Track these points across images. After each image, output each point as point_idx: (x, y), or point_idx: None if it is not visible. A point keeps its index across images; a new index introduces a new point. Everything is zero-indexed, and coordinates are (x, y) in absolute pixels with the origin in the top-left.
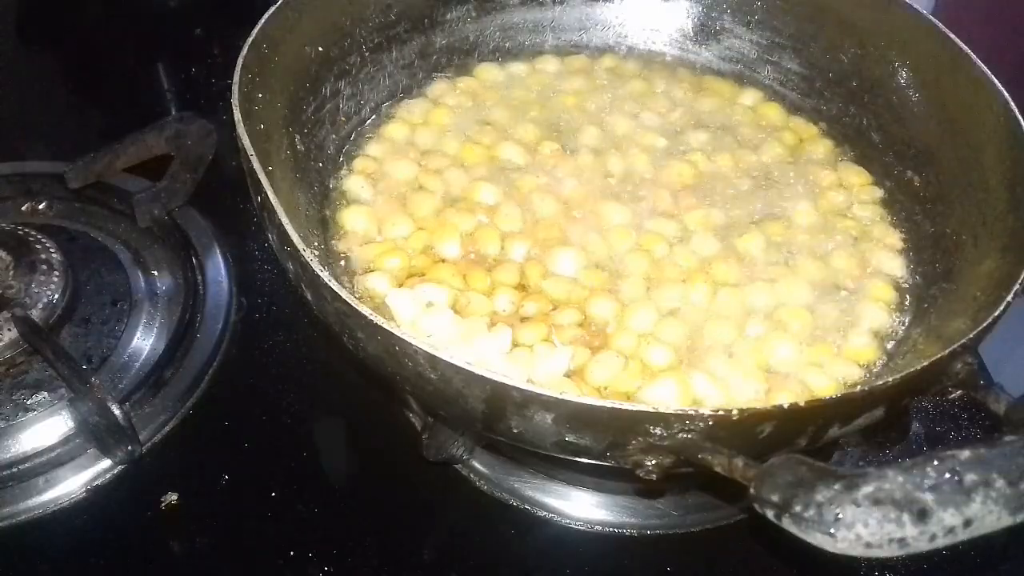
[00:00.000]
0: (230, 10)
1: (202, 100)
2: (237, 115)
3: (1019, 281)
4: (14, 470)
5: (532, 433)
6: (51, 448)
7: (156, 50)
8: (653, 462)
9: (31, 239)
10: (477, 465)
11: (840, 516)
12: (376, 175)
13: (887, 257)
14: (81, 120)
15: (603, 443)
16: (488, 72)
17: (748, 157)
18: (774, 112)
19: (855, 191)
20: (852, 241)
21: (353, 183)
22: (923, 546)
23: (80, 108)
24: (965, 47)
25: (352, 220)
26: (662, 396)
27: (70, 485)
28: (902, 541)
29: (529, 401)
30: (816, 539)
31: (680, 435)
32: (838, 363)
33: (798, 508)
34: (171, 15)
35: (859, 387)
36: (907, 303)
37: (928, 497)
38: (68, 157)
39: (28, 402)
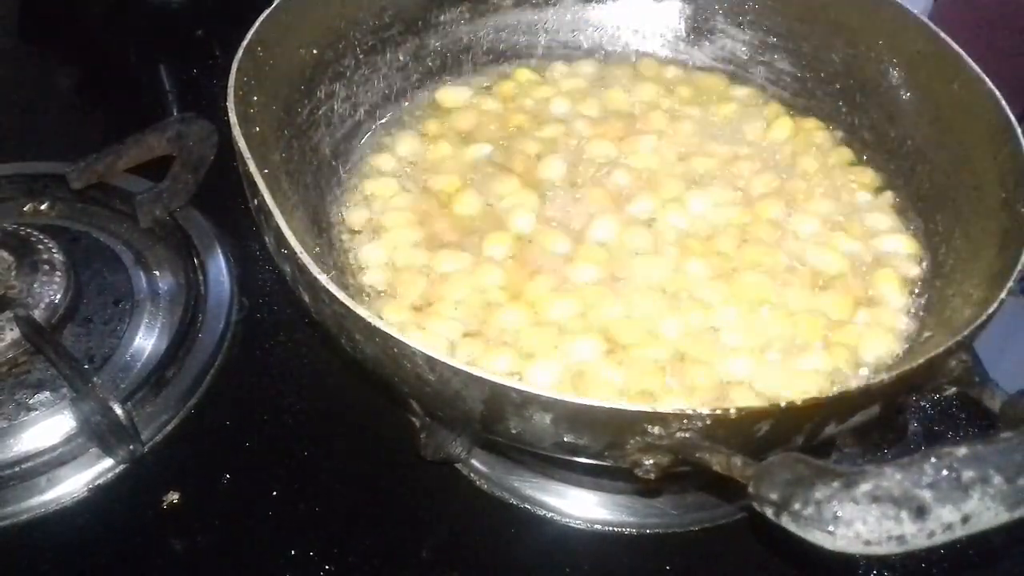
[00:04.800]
0: (232, 11)
1: (204, 101)
2: (233, 118)
3: (1013, 278)
4: (16, 469)
5: (531, 433)
6: (53, 447)
7: (158, 51)
8: (651, 461)
9: (33, 239)
10: (476, 464)
11: (839, 514)
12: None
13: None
14: (83, 121)
15: (601, 443)
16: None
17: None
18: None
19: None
20: (868, 234)
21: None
22: (922, 543)
23: (82, 109)
24: (956, 46)
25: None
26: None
27: (72, 484)
28: (901, 538)
29: (528, 402)
30: (815, 537)
31: (678, 434)
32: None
33: (797, 506)
34: (173, 16)
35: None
36: (915, 294)
37: (926, 494)
38: (70, 158)
39: (30, 401)
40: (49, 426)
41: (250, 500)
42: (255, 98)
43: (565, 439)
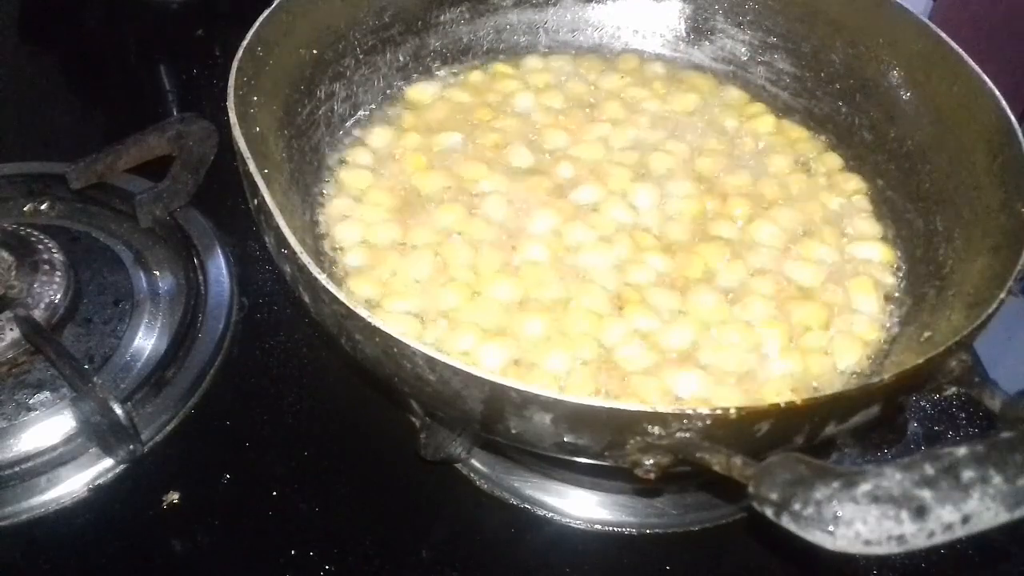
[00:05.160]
0: (232, 11)
1: (203, 101)
2: (233, 119)
3: (1012, 278)
4: (16, 469)
5: (531, 433)
6: (53, 447)
7: (158, 51)
8: (651, 461)
9: (33, 239)
10: (477, 464)
11: (839, 514)
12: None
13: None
14: (83, 121)
15: (601, 443)
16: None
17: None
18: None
19: (843, 187)
20: (844, 239)
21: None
22: (921, 543)
23: (82, 109)
24: (956, 46)
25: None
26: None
27: (72, 484)
28: (901, 538)
29: (527, 402)
30: (815, 537)
31: (678, 434)
32: (828, 362)
33: (797, 506)
34: (173, 16)
35: (855, 385)
36: (900, 301)
37: (926, 494)
38: (70, 158)
39: (30, 401)
40: (49, 426)
41: (250, 500)
42: (255, 98)
43: (565, 439)
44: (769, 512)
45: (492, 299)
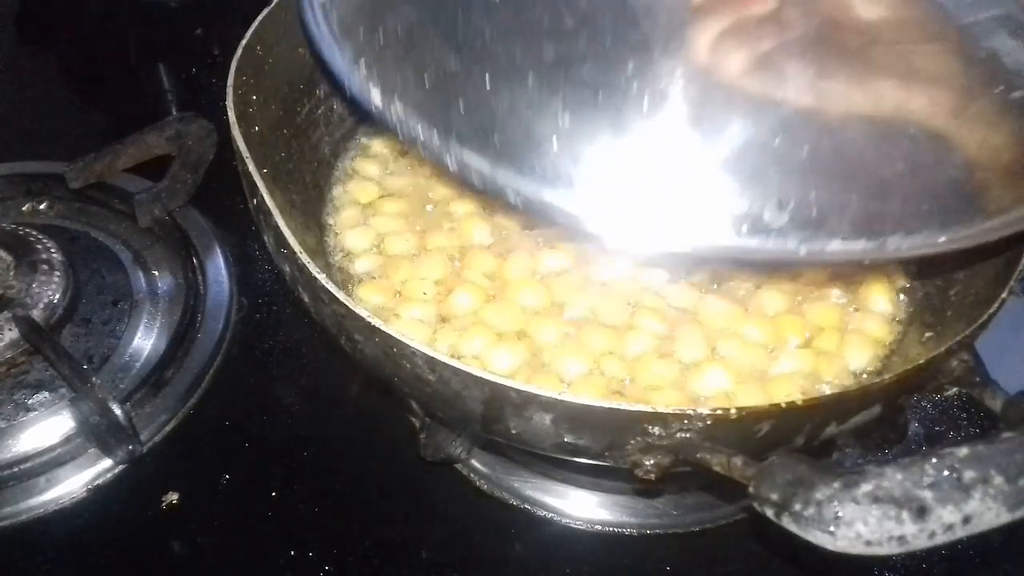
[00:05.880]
0: (231, 10)
1: (203, 100)
2: (232, 118)
3: (1014, 278)
4: (15, 469)
5: (531, 434)
6: (52, 448)
7: (157, 50)
8: (652, 462)
9: (32, 239)
10: (477, 464)
11: (840, 514)
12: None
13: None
14: (82, 120)
15: (601, 443)
16: None
17: None
18: None
19: None
20: None
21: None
22: (922, 543)
23: (81, 108)
24: None
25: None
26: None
27: (71, 484)
28: (902, 539)
29: (528, 402)
30: (816, 537)
31: (678, 434)
32: (833, 362)
33: (797, 506)
34: (172, 15)
35: (856, 385)
36: (901, 301)
37: (927, 495)
38: (69, 157)
39: (29, 402)
40: (48, 426)
41: (249, 500)
42: (254, 97)
43: (565, 439)
44: (770, 513)
45: (510, 304)
